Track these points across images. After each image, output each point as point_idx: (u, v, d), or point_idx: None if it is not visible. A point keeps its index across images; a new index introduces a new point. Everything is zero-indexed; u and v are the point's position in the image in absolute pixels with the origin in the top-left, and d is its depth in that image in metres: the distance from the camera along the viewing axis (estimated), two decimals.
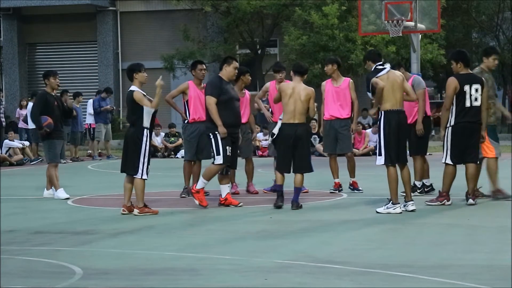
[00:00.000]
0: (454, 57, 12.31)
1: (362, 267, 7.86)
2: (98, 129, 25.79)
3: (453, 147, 12.13)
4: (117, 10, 36.80)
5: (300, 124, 12.39)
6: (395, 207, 11.63)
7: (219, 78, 12.57)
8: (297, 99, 12.35)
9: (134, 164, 11.86)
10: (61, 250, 9.17)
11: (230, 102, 12.45)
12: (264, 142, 25.00)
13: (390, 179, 11.68)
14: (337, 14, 29.69)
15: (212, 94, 12.36)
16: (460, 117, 12.08)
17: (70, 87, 29.53)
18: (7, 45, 37.38)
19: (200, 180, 12.55)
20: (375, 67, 11.99)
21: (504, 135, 31.61)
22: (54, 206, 13.35)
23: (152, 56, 33.97)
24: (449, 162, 12.20)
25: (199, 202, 12.48)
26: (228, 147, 12.38)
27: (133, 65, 12.25)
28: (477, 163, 12.31)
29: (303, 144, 12.40)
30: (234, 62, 12.72)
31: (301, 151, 12.40)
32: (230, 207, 12.56)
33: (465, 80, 12.08)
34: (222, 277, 7.55)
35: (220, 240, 9.74)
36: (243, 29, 33.55)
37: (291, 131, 12.37)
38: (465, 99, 12.04)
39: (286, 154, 12.46)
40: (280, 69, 14.27)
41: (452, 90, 12.05)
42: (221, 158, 12.35)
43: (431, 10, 25.35)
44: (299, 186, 12.43)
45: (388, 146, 11.76)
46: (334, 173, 14.22)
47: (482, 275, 7.53)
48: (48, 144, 14.30)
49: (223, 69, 12.64)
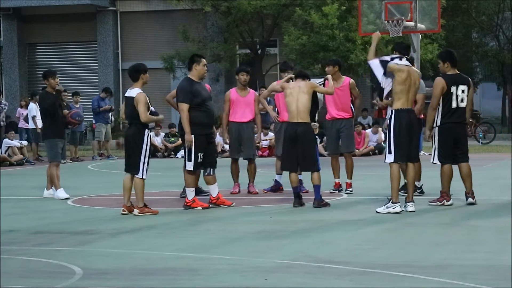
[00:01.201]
0: (442, 57, 12.30)
1: (362, 267, 7.86)
2: (98, 129, 25.79)
3: (440, 147, 12.14)
4: (117, 10, 36.80)
5: (301, 124, 12.39)
6: (395, 206, 11.63)
7: (190, 81, 12.48)
8: (299, 96, 12.37)
9: (136, 164, 11.88)
10: (61, 250, 9.17)
11: (203, 103, 12.41)
12: (264, 142, 25.00)
13: (393, 177, 11.68)
14: (337, 14, 29.68)
15: (184, 100, 12.29)
16: (446, 118, 12.08)
17: (70, 87, 29.52)
18: (7, 45, 37.38)
19: (186, 191, 12.54)
20: (392, 57, 11.98)
21: (504, 135, 31.62)
22: (54, 206, 13.36)
23: (152, 56, 33.97)
24: (436, 162, 12.22)
25: (201, 206, 12.45)
26: (200, 154, 12.33)
27: (140, 65, 12.19)
28: (468, 161, 12.29)
29: (304, 143, 12.40)
30: (202, 60, 12.68)
31: (303, 150, 12.41)
32: (228, 207, 12.56)
33: (453, 80, 12.07)
34: (222, 277, 7.55)
35: (220, 240, 9.74)
36: (243, 29, 33.55)
37: (292, 131, 12.39)
38: (451, 99, 12.04)
39: (289, 153, 12.49)
40: (286, 69, 14.27)
41: (440, 90, 12.04)
42: (192, 165, 12.32)
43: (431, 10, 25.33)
44: (317, 183, 12.44)
45: (398, 145, 11.72)
46: (335, 172, 14.24)
47: (482, 275, 7.54)
48: (50, 143, 14.30)
49: (192, 69, 12.55)
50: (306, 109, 12.42)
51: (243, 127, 14.31)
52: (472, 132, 29.02)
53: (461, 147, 12.23)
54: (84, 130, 25.94)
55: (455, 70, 12.24)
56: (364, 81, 33.42)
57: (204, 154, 12.35)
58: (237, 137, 14.32)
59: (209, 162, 12.48)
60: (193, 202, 12.44)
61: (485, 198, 12.94)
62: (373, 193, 13.71)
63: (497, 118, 37.36)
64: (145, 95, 12.00)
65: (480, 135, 29.78)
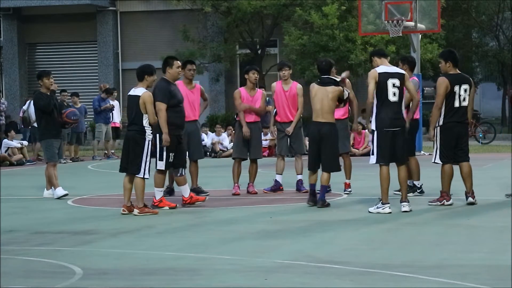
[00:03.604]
0: (444, 57, 12.31)
1: (362, 267, 7.86)
2: (98, 129, 25.79)
3: (442, 146, 12.15)
4: (117, 10, 36.78)
5: (325, 123, 12.43)
6: (384, 207, 11.70)
7: (167, 81, 12.57)
8: (324, 98, 12.40)
9: (137, 164, 11.88)
10: (61, 250, 9.17)
11: (177, 104, 12.51)
12: (264, 142, 25.00)
13: (381, 178, 11.78)
14: (337, 14, 29.67)
15: (163, 100, 12.34)
16: (448, 117, 12.09)
17: (70, 87, 29.50)
18: (7, 45, 37.36)
19: (155, 191, 12.55)
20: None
21: (504, 135, 31.62)
22: (54, 206, 13.36)
23: (152, 56, 33.91)
24: (438, 161, 12.22)
25: (168, 206, 12.47)
26: (171, 154, 12.41)
27: (148, 67, 12.18)
28: (468, 161, 12.31)
29: (327, 143, 12.43)
30: (175, 62, 12.74)
31: (326, 150, 12.44)
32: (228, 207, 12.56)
33: (455, 80, 12.09)
34: (222, 277, 7.55)
35: (220, 240, 9.74)
36: (243, 29, 33.54)
37: (315, 130, 12.44)
38: (454, 99, 12.06)
39: (312, 152, 12.53)
40: (282, 66, 14.39)
41: (444, 89, 12.04)
42: (163, 164, 12.41)
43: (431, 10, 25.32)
44: (325, 184, 12.52)
45: (380, 145, 11.78)
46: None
47: (482, 275, 7.54)
48: (46, 143, 14.31)
49: (166, 72, 12.67)
50: (331, 109, 12.45)
51: (251, 127, 14.28)
52: (472, 132, 29.02)
53: (462, 147, 12.25)
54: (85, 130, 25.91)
55: (457, 70, 12.25)
56: (364, 81, 33.40)
57: (175, 154, 12.45)
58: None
59: (179, 163, 12.55)
60: (160, 202, 12.50)
61: (485, 198, 12.94)
62: (373, 193, 13.70)
63: (497, 118, 37.36)
64: (151, 94, 12.01)
65: (480, 135, 29.79)
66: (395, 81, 11.78)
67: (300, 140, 14.56)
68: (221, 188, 15.21)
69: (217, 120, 31.79)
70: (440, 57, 12.47)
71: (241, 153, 14.35)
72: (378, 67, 11.92)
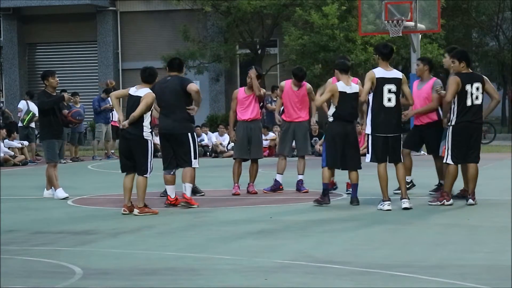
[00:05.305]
0: (458, 56, 12.28)
1: (362, 267, 7.87)
2: (98, 129, 25.78)
3: (454, 147, 12.14)
4: (117, 10, 36.77)
5: (350, 122, 12.56)
6: (384, 204, 11.88)
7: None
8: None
9: (144, 165, 11.90)
10: (61, 250, 9.17)
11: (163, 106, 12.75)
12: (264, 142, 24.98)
13: (379, 176, 12.00)
14: (337, 14, 29.67)
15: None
16: (460, 116, 12.09)
17: (70, 87, 29.49)
18: (7, 45, 37.35)
19: (186, 187, 12.55)
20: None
21: (504, 135, 31.62)
22: (54, 206, 13.36)
23: (152, 56, 33.92)
24: (450, 162, 12.21)
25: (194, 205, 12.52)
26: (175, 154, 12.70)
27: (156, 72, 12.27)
28: (478, 163, 12.32)
29: (352, 141, 12.55)
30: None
31: (352, 149, 12.54)
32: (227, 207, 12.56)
33: (467, 79, 12.12)
34: (222, 277, 7.55)
35: (220, 240, 9.74)
36: (243, 29, 33.53)
37: (340, 128, 12.48)
38: (466, 98, 12.08)
39: (336, 150, 12.51)
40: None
41: (455, 86, 12.03)
42: (196, 162, 12.65)
43: (431, 10, 25.34)
44: (356, 182, 12.60)
45: (374, 148, 12.02)
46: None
47: (482, 275, 7.54)
48: (47, 143, 14.29)
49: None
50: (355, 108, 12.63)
51: (251, 126, 14.26)
52: None
53: (473, 148, 12.23)
54: (84, 130, 25.89)
55: (469, 69, 12.31)
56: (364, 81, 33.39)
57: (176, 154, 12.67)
58: (245, 136, 14.28)
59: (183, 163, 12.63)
60: (175, 199, 12.66)
61: (485, 198, 12.93)
62: (373, 193, 13.69)
63: (497, 118, 37.37)
64: (154, 96, 12.05)
65: None
66: (391, 86, 11.98)
67: (306, 140, 14.55)
68: (221, 188, 15.21)
69: (217, 120, 31.79)
70: (453, 57, 12.39)
71: (242, 153, 14.34)
72: (376, 70, 12.08)
